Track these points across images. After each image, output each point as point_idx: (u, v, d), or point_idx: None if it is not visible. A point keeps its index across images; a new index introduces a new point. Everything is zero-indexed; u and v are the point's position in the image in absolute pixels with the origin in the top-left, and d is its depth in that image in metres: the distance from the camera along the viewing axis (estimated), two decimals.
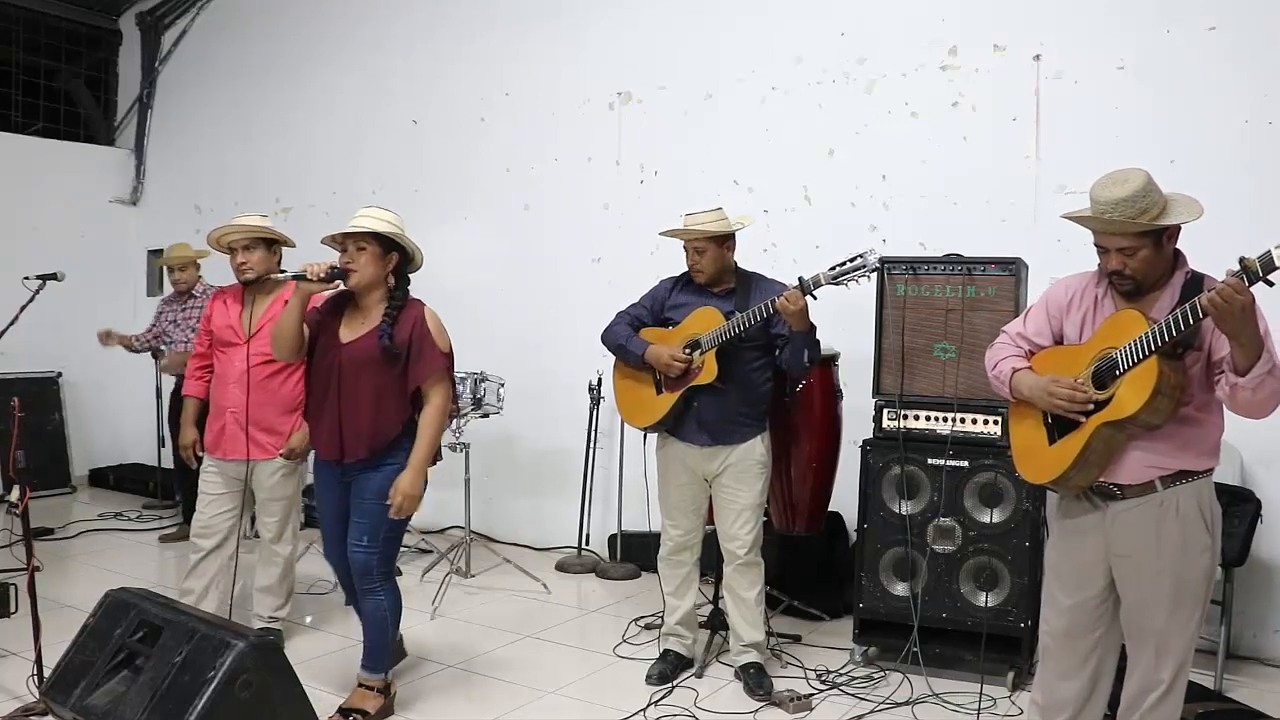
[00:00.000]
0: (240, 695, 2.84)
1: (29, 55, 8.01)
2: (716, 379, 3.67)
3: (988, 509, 3.84)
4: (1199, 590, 2.55)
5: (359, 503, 3.38)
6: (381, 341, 3.29)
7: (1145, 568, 2.55)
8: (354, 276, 3.34)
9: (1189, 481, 2.53)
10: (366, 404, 3.32)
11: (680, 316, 3.84)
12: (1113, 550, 2.60)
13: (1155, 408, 2.39)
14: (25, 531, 3.60)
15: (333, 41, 6.97)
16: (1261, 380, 2.29)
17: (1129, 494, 2.55)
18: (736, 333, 3.62)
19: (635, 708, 3.59)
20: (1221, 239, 4.17)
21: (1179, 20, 4.31)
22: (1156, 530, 2.53)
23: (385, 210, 3.45)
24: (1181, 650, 2.57)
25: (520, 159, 6.13)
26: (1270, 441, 4.12)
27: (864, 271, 3.45)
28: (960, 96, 4.81)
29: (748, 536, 3.77)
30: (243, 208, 7.39)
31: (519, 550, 5.81)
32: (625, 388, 4.01)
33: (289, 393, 3.98)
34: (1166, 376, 2.37)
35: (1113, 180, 2.47)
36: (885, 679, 3.87)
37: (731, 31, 5.43)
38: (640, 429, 4.03)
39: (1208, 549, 2.55)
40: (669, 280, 4.01)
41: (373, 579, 3.42)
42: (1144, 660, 2.60)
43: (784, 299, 3.47)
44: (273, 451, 3.98)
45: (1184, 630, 2.55)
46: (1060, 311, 2.74)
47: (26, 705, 3.45)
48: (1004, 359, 2.80)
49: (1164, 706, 2.59)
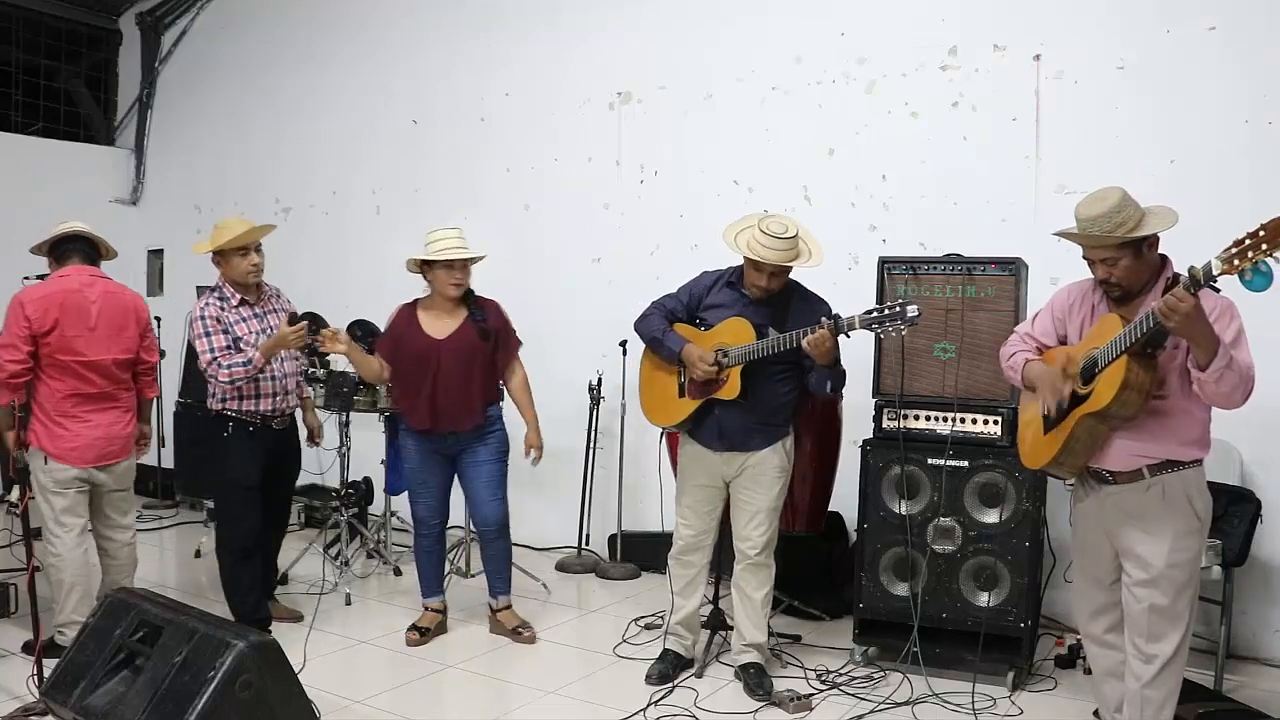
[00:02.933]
0: (240, 695, 2.85)
1: (29, 55, 8.01)
2: (739, 396, 3.65)
3: (988, 509, 3.84)
4: (1186, 573, 2.76)
5: (482, 465, 4.30)
6: (480, 326, 4.20)
7: (1134, 548, 2.78)
8: (463, 289, 4.21)
9: (1176, 470, 2.75)
10: (471, 384, 4.18)
11: (714, 319, 3.77)
12: (1108, 530, 2.87)
13: (1124, 400, 2.63)
14: (25, 531, 3.60)
15: (333, 41, 6.97)
16: (1221, 374, 2.52)
17: (1120, 479, 2.81)
18: (764, 355, 3.58)
19: (635, 708, 3.59)
20: (1221, 239, 4.18)
21: (1179, 20, 4.31)
22: (1144, 513, 2.77)
23: (457, 229, 4.20)
24: (1173, 631, 2.76)
25: (520, 159, 6.13)
26: (1270, 441, 4.12)
27: (901, 324, 3.35)
28: (960, 96, 4.81)
29: (760, 538, 3.76)
30: (242, 208, 7.41)
31: (519, 550, 5.79)
32: (651, 381, 3.95)
33: None
34: (1134, 373, 2.61)
35: (1093, 198, 2.74)
36: (885, 679, 3.87)
37: (731, 31, 5.43)
38: (658, 427, 4.02)
39: (1195, 532, 2.76)
40: (711, 275, 3.90)
41: (505, 523, 4.40)
42: (1137, 638, 2.80)
43: (814, 339, 3.40)
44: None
45: (1172, 611, 2.75)
46: (1064, 314, 2.99)
47: (26, 705, 3.45)
48: (1018, 352, 3.07)
49: (1157, 683, 2.78)
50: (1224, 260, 2.32)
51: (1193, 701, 3.44)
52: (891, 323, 3.37)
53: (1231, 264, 2.30)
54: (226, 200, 7.54)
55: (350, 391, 4.84)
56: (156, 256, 8.11)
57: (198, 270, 7.50)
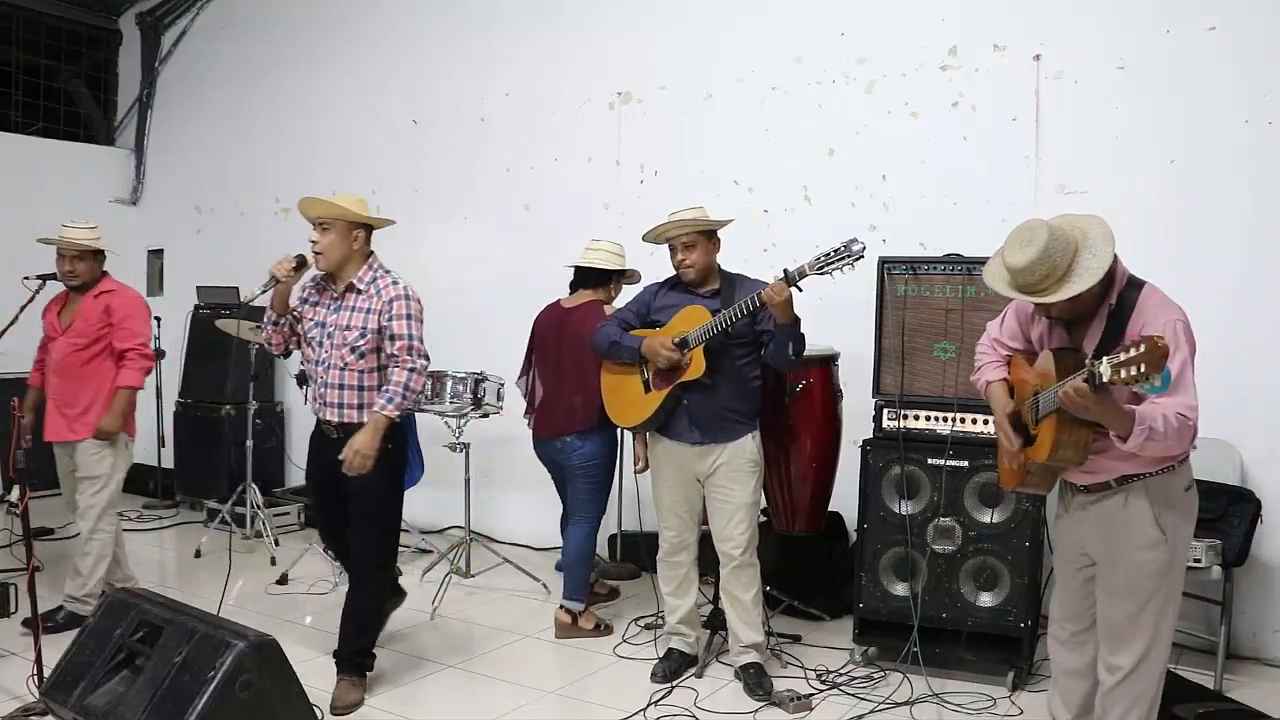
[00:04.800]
0: (240, 695, 2.85)
1: (29, 55, 8.01)
2: (705, 375, 3.67)
3: (988, 509, 3.84)
4: (1150, 585, 2.67)
5: None
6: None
7: (1100, 558, 2.77)
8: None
9: (1140, 480, 2.66)
10: None
11: (667, 318, 3.84)
12: (1079, 538, 2.84)
13: (1061, 457, 2.62)
14: (25, 531, 3.60)
15: (333, 41, 6.97)
16: (1141, 446, 2.46)
17: (1092, 490, 2.76)
18: (723, 327, 3.61)
19: (635, 708, 3.60)
20: (1221, 239, 4.21)
21: (1179, 20, 4.31)
22: (1108, 524, 2.72)
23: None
24: (1140, 641, 2.69)
25: (520, 159, 6.13)
26: (1270, 441, 4.12)
27: (849, 260, 3.41)
28: (960, 96, 4.81)
29: (742, 536, 3.77)
30: (242, 208, 7.45)
31: (519, 550, 5.81)
32: (613, 386, 4.00)
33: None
34: (1064, 434, 2.58)
35: (1018, 242, 2.56)
36: (885, 679, 3.87)
37: (731, 31, 5.43)
38: (631, 428, 4.03)
39: (1158, 544, 2.66)
40: (654, 285, 4.02)
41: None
42: (1103, 646, 2.78)
43: (769, 290, 3.47)
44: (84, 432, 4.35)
45: (1137, 621, 2.69)
46: (1027, 319, 2.91)
47: (26, 705, 3.45)
48: (985, 364, 3.00)
49: (1120, 691, 2.73)
50: (1113, 368, 2.25)
51: (1193, 701, 3.44)
52: (841, 261, 3.41)
53: (1119, 374, 2.24)
54: (226, 200, 7.55)
55: None
56: (156, 256, 8.11)
57: (198, 270, 7.54)
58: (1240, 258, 4.17)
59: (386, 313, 3.60)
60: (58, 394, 4.40)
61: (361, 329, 3.60)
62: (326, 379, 3.64)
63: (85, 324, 4.40)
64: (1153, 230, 4.11)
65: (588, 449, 4.37)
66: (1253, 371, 4.13)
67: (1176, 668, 3.88)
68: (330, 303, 3.69)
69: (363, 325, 3.60)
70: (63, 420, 4.38)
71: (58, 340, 4.43)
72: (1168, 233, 4.20)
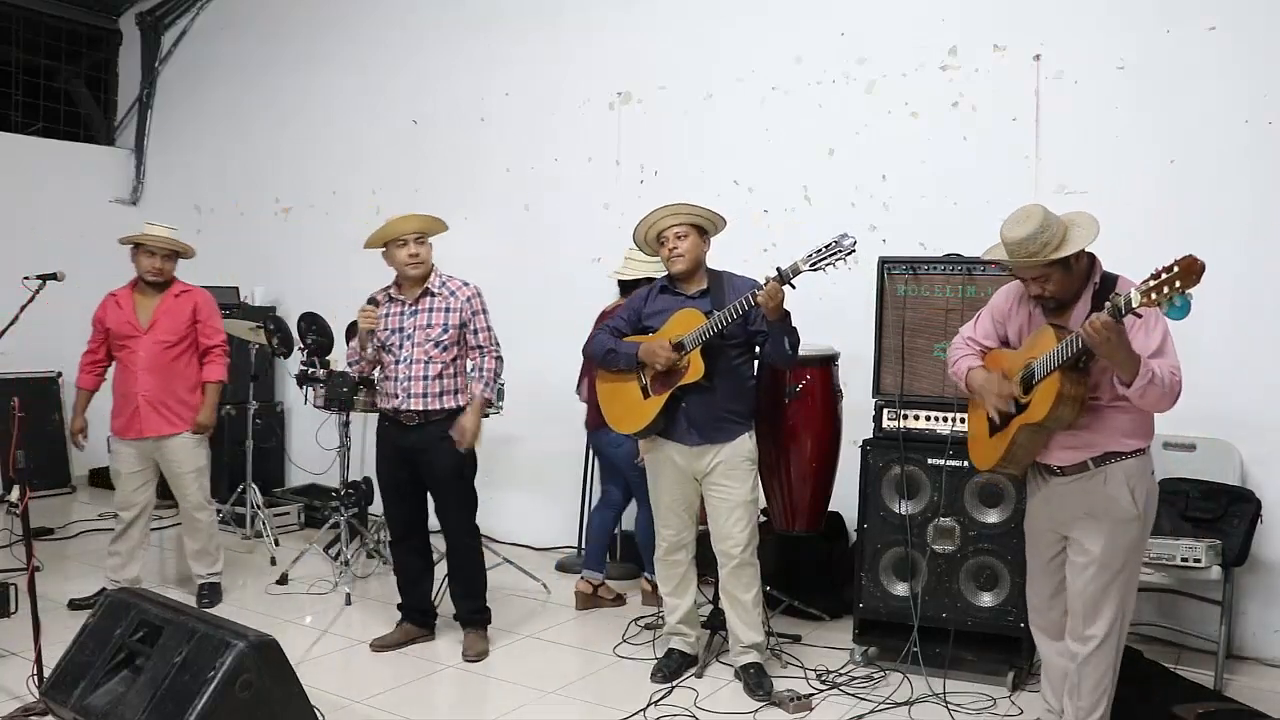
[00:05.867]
0: (240, 695, 2.85)
1: (29, 55, 8.00)
2: (704, 377, 3.67)
3: (988, 509, 3.84)
4: (1123, 557, 2.90)
5: None
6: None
7: (1077, 534, 2.95)
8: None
9: (1118, 461, 2.89)
10: None
11: (659, 323, 3.82)
12: (1055, 519, 3.01)
13: (1058, 415, 2.80)
14: (25, 531, 3.61)
15: (333, 41, 6.97)
16: (1143, 390, 2.68)
17: (1068, 472, 2.95)
18: (718, 329, 3.61)
19: (635, 708, 3.60)
20: (1221, 239, 4.21)
21: (1179, 20, 4.31)
22: (1087, 502, 2.92)
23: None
24: (1110, 611, 2.92)
25: (520, 159, 6.13)
26: (1270, 441, 4.12)
27: (840, 255, 3.40)
28: (960, 96, 4.81)
29: (742, 535, 3.76)
30: (242, 208, 7.45)
31: (519, 550, 5.81)
32: (610, 394, 3.98)
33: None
34: (1067, 387, 2.78)
35: (1016, 220, 2.86)
36: (885, 679, 3.87)
37: (731, 31, 5.43)
38: (632, 435, 4.01)
39: (1134, 519, 2.89)
40: (643, 290, 4.03)
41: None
42: (1076, 620, 2.97)
43: (765, 294, 3.46)
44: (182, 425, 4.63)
45: (1108, 593, 2.91)
46: (1004, 318, 3.13)
47: (26, 705, 3.45)
48: (961, 357, 3.19)
49: (1096, 658, 2.94)
50: (1143, 293, 2.45)
51: (1193, 701, 3.45)
52: (833, 256, 3.42)
53: (1149, 296, 2.44)
54: (226, 200, 7.54)
55: (350, 391, 4.83)
56: None
57: (198, 270, 7.52)
58: (1240, 258, 4.16)
59: (468, 309, 4.14)
60: (149, 391, 4.59)
61: (444, 326, 4.09)
62: (410, 374, 4.05)
63: (174, 322, 4.66)
64: (1153, 230, 4.12)
65: (629, 445, 4.45)
66: (1253, 371, 4.13)
67: (1176, 668, 3.89)
68: (403, 309, 4.13)
69: (444, 323, 4.09)
70: (158, 416, 4.61)
71: (141, 339, 4.61)
72: (1168, 233, 4.19)
